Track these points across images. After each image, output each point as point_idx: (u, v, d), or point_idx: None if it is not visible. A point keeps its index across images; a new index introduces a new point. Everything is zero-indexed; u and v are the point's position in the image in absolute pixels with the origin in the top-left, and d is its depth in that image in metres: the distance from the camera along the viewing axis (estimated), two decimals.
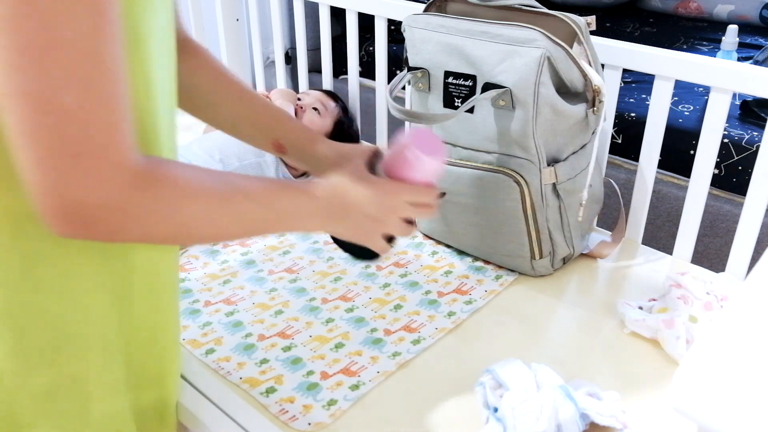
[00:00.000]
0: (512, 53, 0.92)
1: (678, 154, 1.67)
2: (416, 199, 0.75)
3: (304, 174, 1.35)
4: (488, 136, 0.98)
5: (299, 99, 1.42)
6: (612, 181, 1.11)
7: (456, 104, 1.00)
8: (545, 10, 0.96)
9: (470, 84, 0.98)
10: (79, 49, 0.43)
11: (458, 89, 1.00)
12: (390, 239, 0.78)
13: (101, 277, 0.63)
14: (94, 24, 0.43)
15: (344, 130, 1.43)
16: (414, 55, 1.04)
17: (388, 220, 0.73)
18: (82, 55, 0.43)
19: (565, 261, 1.08)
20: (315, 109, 1.40)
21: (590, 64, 0.95)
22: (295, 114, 1.37)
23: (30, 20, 0.41)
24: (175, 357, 0.76)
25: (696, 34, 2.40)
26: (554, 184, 0.99)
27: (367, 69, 1.97)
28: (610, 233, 1.16)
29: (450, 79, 1.00)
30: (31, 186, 0.47)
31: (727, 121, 1.10)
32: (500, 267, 1.08)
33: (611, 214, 1.20)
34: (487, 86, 0.95)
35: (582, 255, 1.11)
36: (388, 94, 0.98)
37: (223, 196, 0.60)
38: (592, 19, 0.95)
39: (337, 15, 1.54)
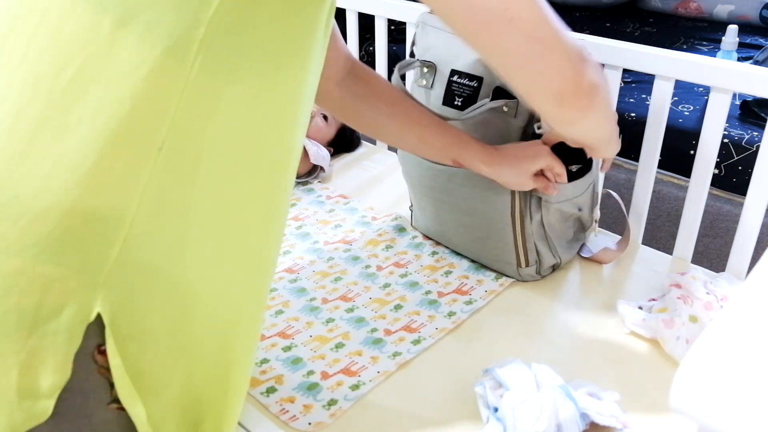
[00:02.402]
0: None
1: (678, 154, 1.67)
2: None
3: (306, 174, 1.35)
4: (484, 138, 0.98)
5: None
6: (615, 193, 1.10)
7: (456, 103, 1.00)
8: None
9: (475, 85, 0.98)
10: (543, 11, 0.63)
11: (461, 88, 1.00)
12: None
13: None
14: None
15: (346, 136, 1.48)
16: (424, 51, 1.05)
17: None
18: (542, 14, 0.62)
19: (554, 269, 1.08)
20: (324, 116, 1.44)
21: None
22: None
23: (531, 15, 0.61)
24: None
25: (696, 34, 2.40)
26: (539, 197, 0.99)
27: None
28: (613, 235, 1.16)
29: (455, 78, 1.00)
30: (556, 91, 0.66)
31: (727, 121, 1.10)
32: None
33: (611, 214, 1.20)
34: (498, 90, 0.96)
35: (583, 257, 1.11)
36: (397, 72, 0.99)
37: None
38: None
39: (337, 15, 1.54)
